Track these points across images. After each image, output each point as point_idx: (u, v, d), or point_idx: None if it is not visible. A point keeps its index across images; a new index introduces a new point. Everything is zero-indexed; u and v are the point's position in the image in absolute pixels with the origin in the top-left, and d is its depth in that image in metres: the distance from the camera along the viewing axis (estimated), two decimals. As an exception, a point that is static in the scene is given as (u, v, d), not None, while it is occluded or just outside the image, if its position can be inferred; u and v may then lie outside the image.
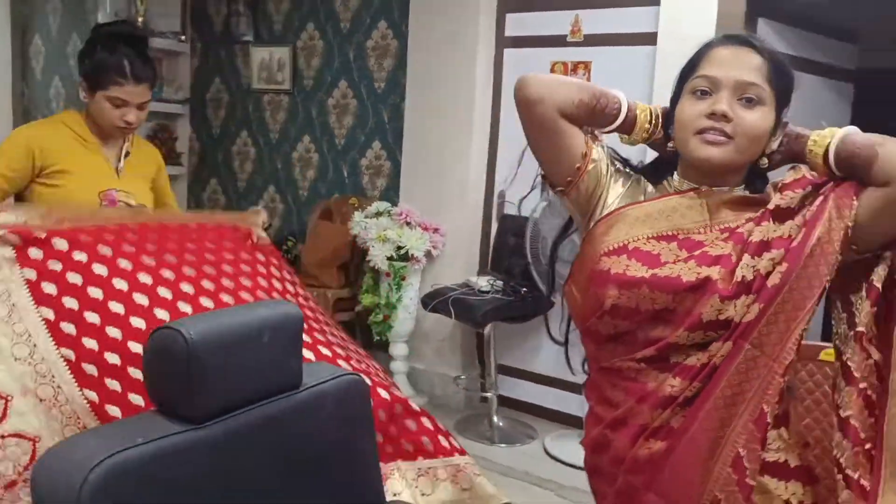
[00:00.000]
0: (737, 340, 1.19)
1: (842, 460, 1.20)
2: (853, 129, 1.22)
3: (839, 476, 1.20)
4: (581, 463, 1.81)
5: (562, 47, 3.48)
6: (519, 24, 3.65)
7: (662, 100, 1.39)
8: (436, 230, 3.72)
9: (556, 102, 1.27)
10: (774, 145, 1.30)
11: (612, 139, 1.39)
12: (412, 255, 3.63)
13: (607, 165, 1.34)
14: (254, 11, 4.64)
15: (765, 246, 1.20)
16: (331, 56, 4.38)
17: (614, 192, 1.33)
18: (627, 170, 1.38)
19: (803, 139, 1.26)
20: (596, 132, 1.37)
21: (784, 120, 1.30)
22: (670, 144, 1.33)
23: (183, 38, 4.86)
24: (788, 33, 3.20)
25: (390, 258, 3.64)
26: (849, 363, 1.21)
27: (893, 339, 1.18)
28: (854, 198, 1.17)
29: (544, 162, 1.36)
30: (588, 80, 3.43)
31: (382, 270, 3.68)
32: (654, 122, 1.35)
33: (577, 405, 3.49)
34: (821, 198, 1.20)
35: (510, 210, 3.71)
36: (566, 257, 3.24)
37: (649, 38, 3.18)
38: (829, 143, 1.21)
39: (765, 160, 1.30)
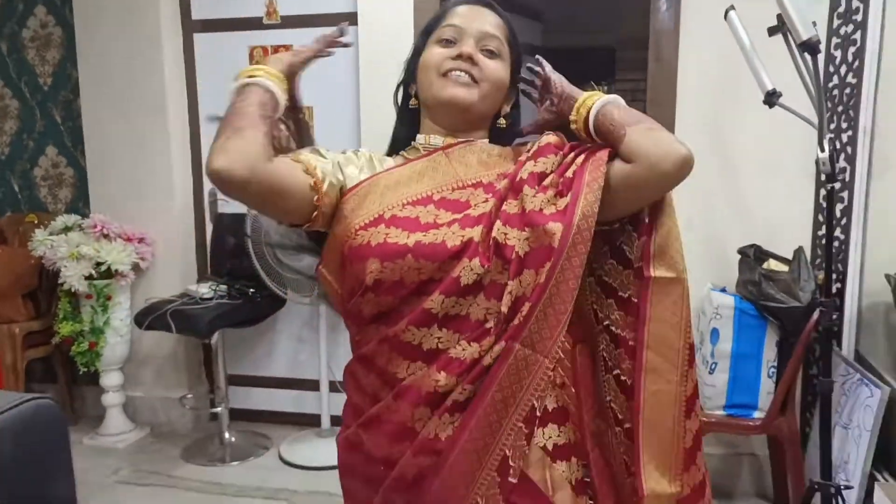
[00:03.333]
0: (508, 342, 1.11)
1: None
2: (612, 100, 1.19)
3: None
4: (315, 464, 1.62)
5: (259, 30, 3.28)
6: (207, 6, 3.36)
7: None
8: (141, 240, 3.32)
9: (260, 159, 1.08)
10: (507, 108, 1.29)
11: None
12: (116, 270, 3.19)
13: (333, 165, 1.20)
14: None
15: (521, 217, 1.14)
16: (-25, 50, 3.66)
17: (352, 172, 1.22)
18: (353, 152, 1.27)
19: (572, 101, 1.23)
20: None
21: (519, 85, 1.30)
22: (412, 101, 1.28)
23: None
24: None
25: (89, 277, 3.17)
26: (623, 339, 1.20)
27: (645, 318, 1.17)
28: (604, 168, 1.14)
29: (280, 218, 1.20)
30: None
31: (82, 293, 3.18)
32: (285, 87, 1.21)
33: (313, 403, 3.37)
34: (573, 170, 1.16)
35: (224, 208, 3.43)
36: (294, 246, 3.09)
37: (349, 18, 3.12)
38: (589, 112, 1.19)
39: (502, 120, 1.30)
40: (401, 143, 1.32)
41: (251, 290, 3.18)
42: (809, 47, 1.96)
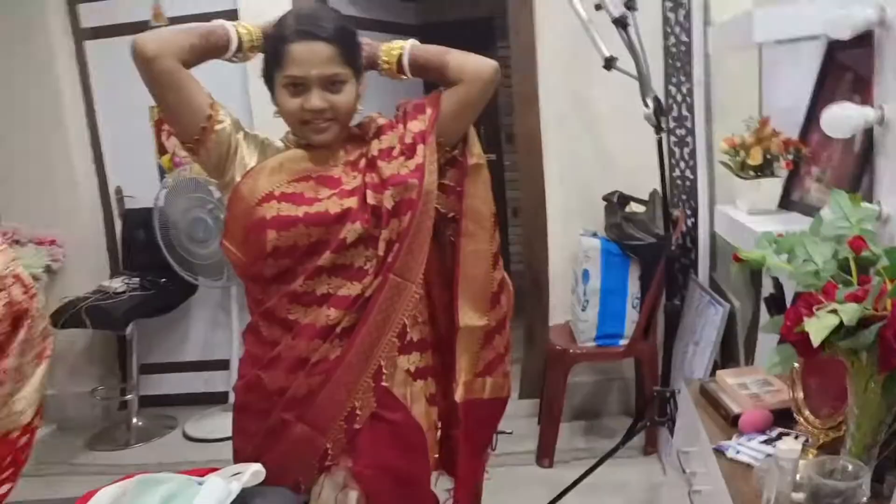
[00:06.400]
0: (384, 274, 1.43)
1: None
2: (414, 42, 1.52)
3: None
4: (218, 435, 1.91)
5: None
6: (95, 13, 3.48)
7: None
8: (52, 242, 3.45)
9: (172, 53, 1.36)
10: (363, 92, 1.52)
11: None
12: (30, 274, 3.32)
13: (235, 128, 1.46)
14: None
15: (384, 184, 1.45)
16: None
17: (249, 153, 1.47)
18: (254, 133, 1.52)
19: (375, 50, 1.52)
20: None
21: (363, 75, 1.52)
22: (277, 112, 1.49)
23: None
24: (356, -1, 3.57)
25: (4, 283, 3.29)
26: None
27: (464, 194, 1.54)
28: (435, 112, 1.48)
29: (171, 118, 1.46)
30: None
31: (-2, 299, 3.30)
32: (257, 41, 1.48)
33: (222, 382, 3.56)
34: (411, 137, 1.48)
35: (131, 204, 3.59)
36: (200, 237, 3.30)
37: (230, 16, 3.26)
38: (401, 54, 1.50)
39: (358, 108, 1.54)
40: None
41: (163, 279, 3.36)
42: (620, 23, 2.27)
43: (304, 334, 1.43)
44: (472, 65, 1.47)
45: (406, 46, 1.51)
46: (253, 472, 1.29)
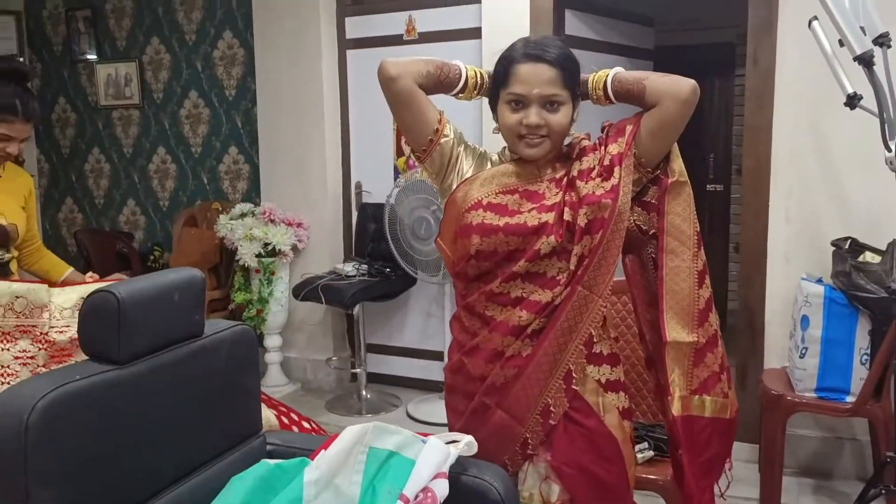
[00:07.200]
0: (573, 286, 1.54)
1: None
2: (617, 70, 1.60)
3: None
4: (438, 420, 2.08)
5: (399, 46, 3.79)
6: (358, 26, 3.92)
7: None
8: (299, 224, 3.93)
9: (410, 75, 1.54)
10: (577, 117, 1.63)
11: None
12: (279, 250, 3.81)
13: (458, 142, 1.64)
14: (95, 29, 4.65)
15: (580, 203, 1.55)
16: (178, 68, 4.47)
17: (467, 164, 1.65)
18: (474, 146, 1.69)
19: (583, 83, 1.61)
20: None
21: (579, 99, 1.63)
22: (495, 129, 1.65)
23: (21, 60, 4.79)
24: (593, 21, 3.65)
25: (259, 255, 3.81)
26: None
27: (664, 212, 1.58)
28: (633, 133, 1.54)
29: (404, 129, 1.66)
30: (426, 73, 3.75)
31: (252, 267, 3.84)
32: (482, 82, 1.65)
33: (437, 371, 3.81)
34: (609, 159, 1.56)
35: (367, 199, 3.98)
36: (422, 235, 3.58)
37: (475, 33, 3.55)
38: (605, 82, 1.58)
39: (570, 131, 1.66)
40: None
41: (387, 269, 3.69)
42: (864, 60, 2.13)
43: (499, 330, 1.57)
44: (668, 86, 1.51)
45: (610, 74, 1.59)
46: (467, 442, 1.44)
